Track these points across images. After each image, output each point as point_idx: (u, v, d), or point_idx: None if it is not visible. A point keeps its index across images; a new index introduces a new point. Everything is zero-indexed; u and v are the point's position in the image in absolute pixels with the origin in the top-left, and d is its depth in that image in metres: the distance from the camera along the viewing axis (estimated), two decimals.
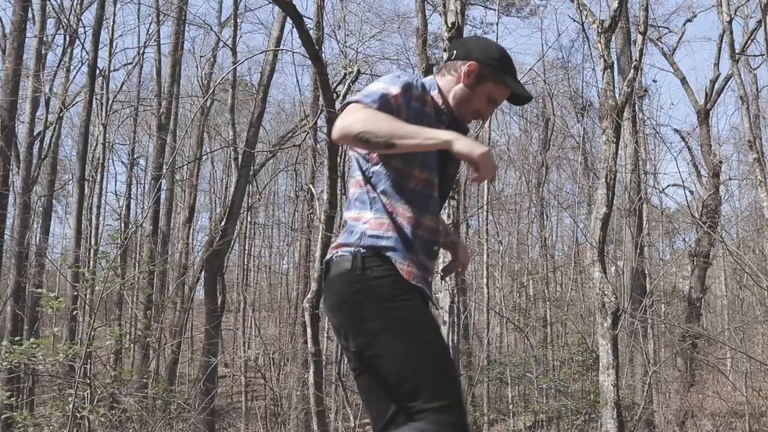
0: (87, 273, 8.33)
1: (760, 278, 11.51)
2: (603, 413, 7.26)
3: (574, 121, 21.45)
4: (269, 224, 28.77)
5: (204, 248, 15.86)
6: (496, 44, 2.31)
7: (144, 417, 8.65)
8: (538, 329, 17.23)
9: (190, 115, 19.69)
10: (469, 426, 2.02)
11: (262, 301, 27.25)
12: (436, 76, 2.29)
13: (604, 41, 7.90)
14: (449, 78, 2.24)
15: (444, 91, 2.23)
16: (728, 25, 12.48)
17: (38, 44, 14.65)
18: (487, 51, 2.23)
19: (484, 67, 2.21)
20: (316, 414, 10.86)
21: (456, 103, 2.22)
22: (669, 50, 17.80)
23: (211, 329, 13.78)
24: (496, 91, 2.24)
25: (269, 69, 14.60)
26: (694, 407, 12.80)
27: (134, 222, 19.22)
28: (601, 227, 7.50)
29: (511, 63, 2.26)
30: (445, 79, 2.25)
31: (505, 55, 2.25)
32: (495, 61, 2.22)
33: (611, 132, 7.73)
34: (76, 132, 19.32)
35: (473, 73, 2.20)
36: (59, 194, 24.22)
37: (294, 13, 7.11)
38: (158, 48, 16.43)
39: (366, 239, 2.08)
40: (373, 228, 2.09)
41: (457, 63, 2.23)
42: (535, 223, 21.86)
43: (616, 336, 7.44)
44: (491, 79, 2.22)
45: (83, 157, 13.84)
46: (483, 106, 2.25)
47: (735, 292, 19.94)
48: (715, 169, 15.55)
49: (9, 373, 10.47)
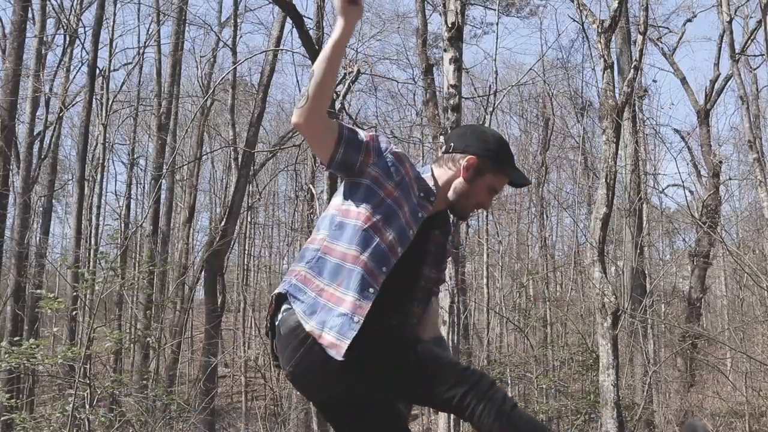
0: (87, 273, 8.33)
1: (760, 278, 11.51)
2: (603, 413, 7.26)
3: (574, 121, 21.45)
4: (269, 224, 28.77)
5: (204, 248, 15.87)
6: (491, 133, 2.35)
7: (144, 417, 8.65)
8: (538, 329, 17.23)
9: (190, 115, 19.68)
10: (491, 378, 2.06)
11: (262, 301, 27.21)
12: (433, 165, 2.32)
13: (604, 41, 7.90)
14: (447, 170, 2.27)
15: (440, 181, 2.26)
16: (728, 25, 12.48)
17: (38, 44, 14.65)
18: (484, 143, 2.27)
19: (483, 161, 2.24)
20: (316, 414, 10.87)
21: (457, 197, 2.26)
22: (669, 50, 17.81)
23: (211, 329, 13.78)
24: (495, 181, 2.28)
25: (269, 69, 14.60)
26: (694, 407, 12.80)
27: (134, 222, 19.22)
28: (601, 227, 7.50)
29: (508, 150, 2.31)
30: (443, 170, 2.28)
31: (503, 144, 2.31)
32: (492, 153, 2.26)
33: (611, 132, 7.73)
34: (76, 132, 19.32)
35: (472, 167, 2.24)
36: (59, 194, 24.20)
37: (294, 13, 7.11)
38: (158, 48, 16.43)
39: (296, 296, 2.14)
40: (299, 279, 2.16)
41: (456, 156, 2.27)
42: (535, 223, 21.87)
43: (616, 336, 7.44)
44: (491, 171, 2.26)
45: (83, 157, 13.84)
46: (484, 197, 2.29)
47: (735, 292, 19.94)
48: (715, 169, 15.55)
49: (9, 374, 10.47)
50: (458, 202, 2.26)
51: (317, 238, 2.18)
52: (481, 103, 13.80)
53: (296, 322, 2.05)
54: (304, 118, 2.04)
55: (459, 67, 6.90)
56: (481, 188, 2.26)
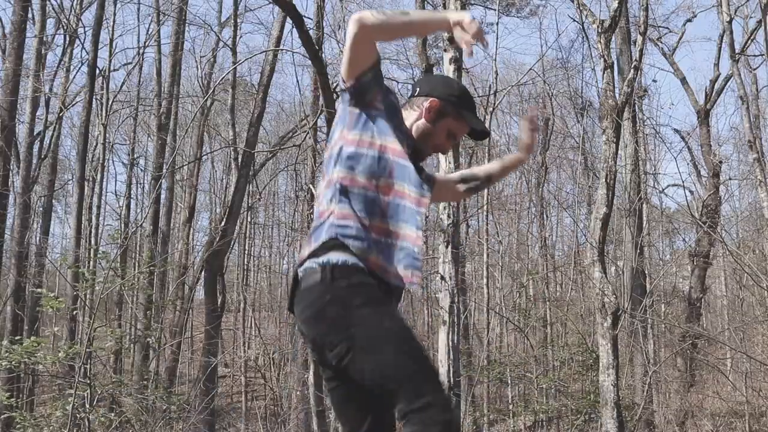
0: (87, 273, 8.33)
1: (760, 278, 11.51)
2: (603, 413, 7.26)
3: (574, 121, 21.45)
4: (269, 224, 28.77)
5: (204, 248, 15.87)
6: (457, 81, 2.50)
7: (144, 417, 8.65)
8: (538, 329, 17.23)
9: (190, 115, 19.69)
10: (455, 419, 2.03)
11: (262, 301, 27.24)
12: (402, 108, 2.38)
13: (604, 41, 7.90)
14: (412, 113, 2.36)
15: (407, 124, 2.35)
16: (728, 25, 12.49)
17: (38, 44, 14.65)
18: (448, 88, 2.38)
19: (445, 104, 2.34)
20: (316, 414, 10.88)
21: (418, 137, 2.32)
22: (669, 50, 17.81)
23: (211, 329, 13.78)
24: (455, 126, 2.36)
25: (269, 69, 14.59)
26: (694, 407, 12.80)
27: (134, 222, 19.22)
28: (601, 227, 7.51)
29: (470, 99, 2.40)
30: (408, 113, 2.36)
31: (466, 92, 2.40)
32: (455, 98, 2.35)
33: (611, 132, 7.73)
34: (76, 132, 19.31)
35: (434, 109, 2.33)
36: (59, 194, 24.21)
37: (294, 13, 7.12)
38: (158, 48, 16.44)
39: (333, 229, 2.10)
40: (338, 218, 2.11)
41: (420, 99, 2.37)
42: (535, 223, 21.87)
43: (616, 336, 7.45)
44: (451, 115, 2.34)
45: (83, 157, 13.84)
46: (443, 140, 2.37)
47: (735, 292, 19.94)
48: (715, 169, 15.56)
49: (9, 373, 10.47)
50: (418, 143, 2.32)
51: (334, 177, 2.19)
52: (481, 103, 13.81)
53: (319, 278, 2.06)
54: (370, 28, 2.09)
55: (459, 67, 6.90)
56: (441, 131, 2.34)
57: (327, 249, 2.09)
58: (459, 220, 7.21)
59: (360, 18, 2.08)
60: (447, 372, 6.39)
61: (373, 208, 2.12)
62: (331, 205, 2.13)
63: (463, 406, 10.26)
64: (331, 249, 2.09)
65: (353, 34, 2.09)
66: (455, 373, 6.45)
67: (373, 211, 2.12)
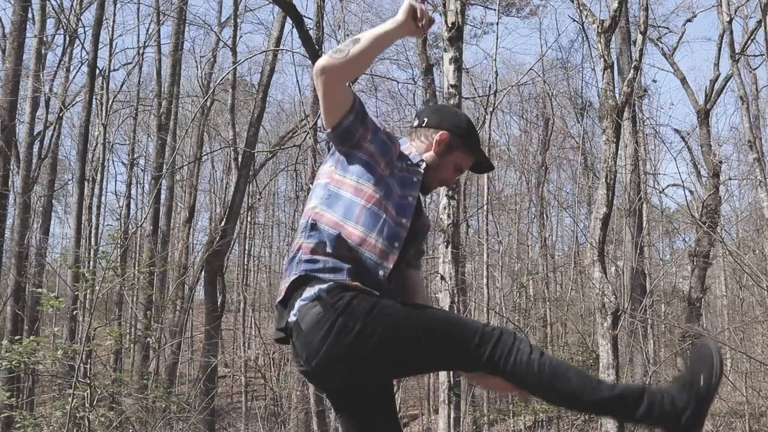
0: (87, 273, 8.33)
1: (760, 278, 11.51)
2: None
3: (574, 121, 21.45)
4: (269, 224, 28.77)
5: (204, 248, 15.86)
6: (464, 114, 2.49)
7: (144, 417, 8.65)
8: (538, 329, 17.23)
9: (190, 115, 19.69)
10: (513, 331, 2.08)
11: (262, 301, 27.23)
12: (407, 138, 2.40)
13: (603, 41, 7.90)
14: (420, 144, 2.36)
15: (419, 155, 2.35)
16: (728, 25, 12.50)
17: (38, 44, 14.65)
18: (456, 120, 2.38)
19: (455, 137, 2.33)
20: (316, 414, 10.87)
21: (425, 170, 2.32)
22: (669, 50, 17.79)
23: (211, 329, 13.78)
24: (462, 159, 2.37)
25: (269, 69, 14.60)
26: None
27: (134, 222, 19.22)
28: (601, 227, 7.50)
29: (476, 133, 2.40)
30: (416, 144, 2.36)
31: (472, 126, 2.40)
32: (464, 131, 2.35)
33: (611, 132, 7.73)
34: (76, 132, 19.31)
35: (444, 142, 2.32)
36: (59, 194, 24.23)
37: (294, 13, 7.11)
38: (158, 48, 16.45)
39: (302, 266, 2.09)
40: (305, 253, 2.11)
41: (429, 131, 2.35)
42: (535, 223, 21.87)
43: (616, 336, 7.44)
44: (460, 148, 2.34)
45: (83, 157, 13.84)
46: (450, 174, 2.38)
47: (735, 292, 19.94)
48: (715, 169, 15.54)
49: (9, 373, 10.47)
50: (425, 176, 2.32)
51: (308, 209, 2.19)
52: (481, 103, 13.80)
53: (321, 308, 2.02)
54: (334, 72, 2.07)
55: (459, 67, 6.90)
56: (448, 164, 2.35)
57: (304, 284, 2.07)
58: (459, 220, 7.21)
59: (322, 66, 2.06)
60: (447, 372, 6.39)
61: (341, 244, 2.11)
62: (301, 239, 2.14)
63: (463, 406, 10.26)
64: (308, 282, 2.07)
65: (322, 83, 2.08)
66: (455, 373, 6.45)
67: (340, 245, 2.10)
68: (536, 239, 21.60)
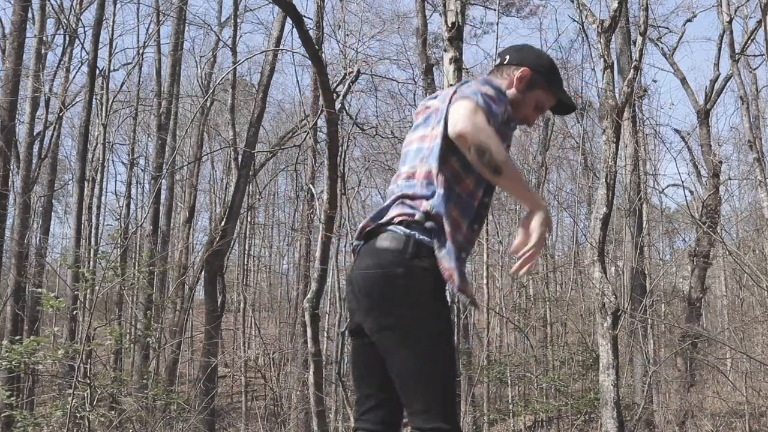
0: (87, 273, 8.33)
1: (760, 278, 11.50)
2: (603, 413, 7.26)
3: (574, 121, 21.44)
4: (269, 224, 28.77)
5: (204, 248, 15.86)
6: (546, 54, 2.45)
7: (144, 417, 8.65)
8: (538, 329, 17.23)
9: (190, 115, 19.68)
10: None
11: (262, 301, 27.25)
12: (489, 75, 2.34)
13: (604, 41, 7.90)
14: (501, 81, 2.31)
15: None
16: (728, 25, 12.50)
17: (38, 44, 14.65)
18: (539, 59, 2.35)
19: (536, 75, 2.31)
20: (316, 414, 10.86)
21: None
22: (669, 50, 17.79)
23: (211, 329, 13.78)
24: (544, 98, 2.34)
25: (269, 69, 14.59)
26: (694, 407, 12.79)
27: (134, 222, 19.22)
28: (601, 227, 7.50)
29: (558, 73, 2.38)
30: (498, 80, 2.31)
31: (555, 65, 2.38)
32: (545, 69, 2.33)
33: (611, 132, 7.73)
34: (76, 132, 19.31)
35: (525, 78, 2.30)
36: (59, 194, 24.24)
37: (294, 13, 7.11)
38: (158, 48, 16.45)
39: (421, 228, 2.08)
40: (430, 219, 2.10)
41: (511, 68, 2.32)
42: None
43: (616, 336, 7.44)
44: (541, 86, 2.32)
45: (83, 157, 13.84)
46: (530, 112, 2.34)
47: (735, 292, 19.93)
48: (715, 169, 15.54)
49: (9, 373, 10.47)
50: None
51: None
52: None
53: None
54: (463, 142, 1.98)
55: (459, 67, 6.89)
56: (530, 102, 2.32)
57: (420, 224, 2.07)
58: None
59: (472, 129, 1.96)
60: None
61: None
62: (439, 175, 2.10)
63: (463, 406, 10.26)
64: (424, 223, 2.07)
65: (458, 131, 1.98)
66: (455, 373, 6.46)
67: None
68: None
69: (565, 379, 13.37)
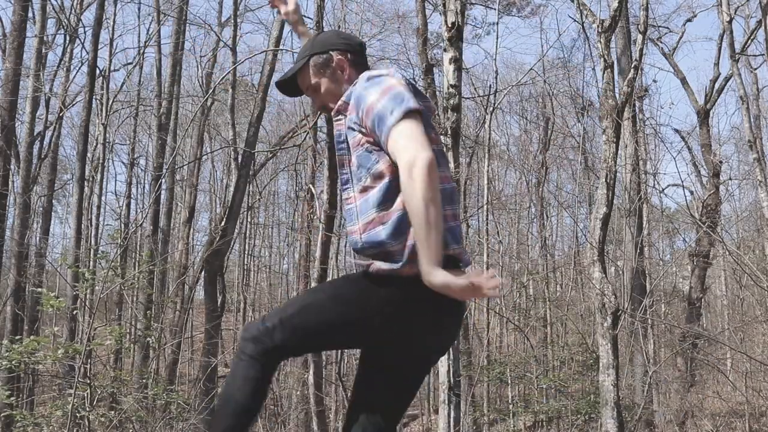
0: (87, 273, 8.32)
1: (760, 278, 11.50)
2: (603, 413, 7.26)
3: (575, 120, 21.45)
4: (269, 224, 28.78)
5: (204, 248, 15.86)
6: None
7: (144, 417, 8.65)
8: (538, 329, 17.23)
9: (190, 115, 19.69)
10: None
11: (262, 301, 27.23)
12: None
13: (604, 41, 7.90)
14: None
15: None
16: (728, 25, 12.49)
17: (38, 44, 14.65)
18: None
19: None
20: (316, 414, 10.87)
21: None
22: (669, 50, 17.79)
23: (211, 329, 13.78)
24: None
25: (269, 69, 14.59)
26: (694, 407, 12.79)
27: (134, 222, 19.21)
28: (601, 227, 7.50)
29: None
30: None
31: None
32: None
33: (611, 132, 7.73)
34: (76, 132, 19.33)
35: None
36: (59, 194, 24.23)
37: None
38: (158, 48, 16.44)
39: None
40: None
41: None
42: (535, 223, 21.87)
43: (616, 336, 7.44)
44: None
45: (83, 157, 13.83)
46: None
47: (735, 292, 19.93)
48: (715, 169, 15.55)
49: (9, 373, 10.47)
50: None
51: None
52: (481, 103, 13.79)
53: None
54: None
55: (459, 67, 6.89)
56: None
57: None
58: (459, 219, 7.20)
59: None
60: (447, 372, 6.38)
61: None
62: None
63: (463, 406, 10.26)
64: None
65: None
66: (455, 373, 6.45)
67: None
68: (536, 239, 21.61)
69: (565, 380, 13.38)
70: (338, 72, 2.24)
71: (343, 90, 2.20)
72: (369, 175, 2.05)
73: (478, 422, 14.24)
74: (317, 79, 2.25)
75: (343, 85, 2.22)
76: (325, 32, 2.42)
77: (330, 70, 2.24)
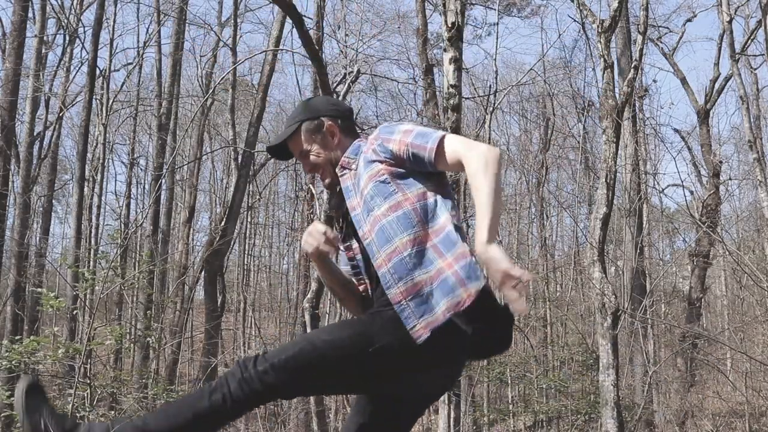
0: (87, 273, 8.32)
1: (760, 278, 11.50)
2: (603, 413, 7.26)
3: (575, 120, 21.44)
4: (269, 224, 28.77)
5: (204, 248, 15.86)
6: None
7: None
8: (538, 329, 17.23)
9: (190, 115, 19.68)
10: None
11: (262, 301, 27.23)
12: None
13: (604, 41, 7.90)
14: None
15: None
16: (728, 25, 12.49)
17: (38, 44, 14.65)
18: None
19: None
20: (316, 414, 10.86)
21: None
22: (669, 50, 17.80)
23: (211, 329, 13.78)
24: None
25: (269, 69, 14.60)
26: (694, 407, 12.79)
27: (134, 222, 19.21)
28: (601, 227, 7.50)
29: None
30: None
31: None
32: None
33: (611, 132, 7.73)
34: (76, 132, 19.31)
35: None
36: (59, 194, 24.23)
37: (294, 13, 7.10)
38: (158, 48, 16.45)
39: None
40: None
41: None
42: (535, 223, 21.86)
43: (616, 336, 7.44)
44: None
45: (83, 157, 13.84)
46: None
47: (735, 292, 19.94)
48: (715, 169, 15.55)
49: (9, 373, 10.47)
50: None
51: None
52: (481, 103, 13.80)
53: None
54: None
55: (459, 67, 6.89)
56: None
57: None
58: (459, 219, 7.20)
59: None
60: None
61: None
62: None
63: (463, 406, 10.25)
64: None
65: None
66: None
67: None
68: (536, 239, 21.60)
69: (565, 380, 13.38)
70: (329, 137, 2.28)
71: (333, 156, 2.26)
72: (384, 203, 2.10)
73: (478, 422, 14.24)
74: (308, 145, 2.29)
75: (333, 151, 2.27)
76: (315, 98, 2.48)
77: (321, 135, 2.28)
